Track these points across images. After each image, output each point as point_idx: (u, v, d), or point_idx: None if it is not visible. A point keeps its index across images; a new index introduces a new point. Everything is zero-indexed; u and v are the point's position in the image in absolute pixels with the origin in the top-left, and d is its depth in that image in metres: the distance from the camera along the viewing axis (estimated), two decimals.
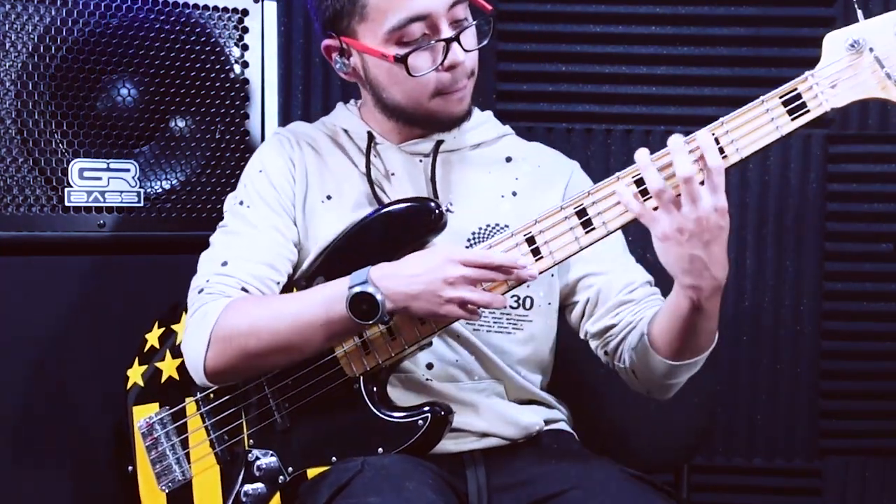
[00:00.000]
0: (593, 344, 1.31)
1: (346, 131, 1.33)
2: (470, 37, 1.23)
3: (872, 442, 1.97)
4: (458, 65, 1.21)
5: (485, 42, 1.25)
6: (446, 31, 1.19)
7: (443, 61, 1.19)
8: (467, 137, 1.32)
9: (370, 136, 1.30)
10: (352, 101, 1.38)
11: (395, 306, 1.12)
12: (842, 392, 1.97)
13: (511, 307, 1.28)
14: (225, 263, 1.23)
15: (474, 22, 1.23)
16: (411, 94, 1.23)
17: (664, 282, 1.17)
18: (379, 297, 1.10)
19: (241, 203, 1.29)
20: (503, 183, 1.31)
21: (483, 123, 1.35)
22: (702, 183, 1.04)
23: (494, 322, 1.27)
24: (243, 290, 1.22)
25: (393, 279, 1.12)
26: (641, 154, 1.06)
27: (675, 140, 1.05)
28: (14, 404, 1.42)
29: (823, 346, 1.96)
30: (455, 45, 1.19)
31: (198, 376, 1.22)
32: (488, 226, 1.26)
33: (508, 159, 1.33)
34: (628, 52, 1.94)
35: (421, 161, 1.30)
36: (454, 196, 1.28)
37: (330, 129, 1.35)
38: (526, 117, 1.42)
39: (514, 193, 1.30)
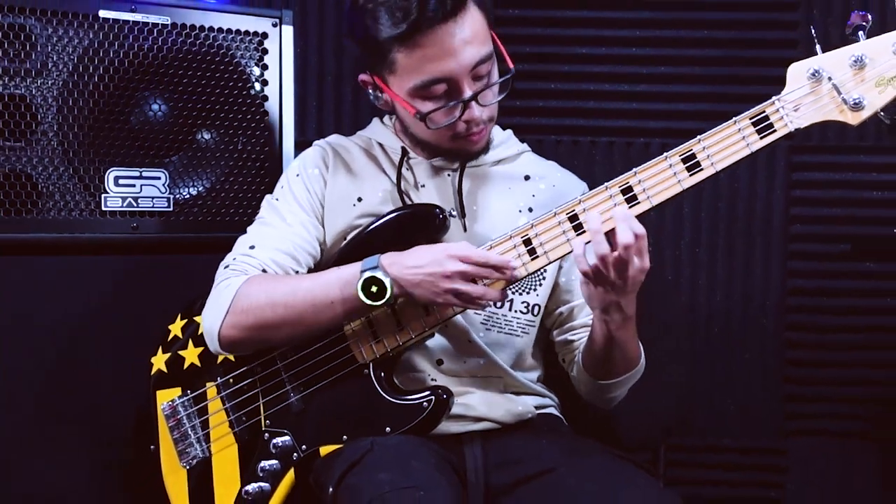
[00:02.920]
0: (556, 349, 1.40)
1: (381, 145, 1.38)
2: (490, 92, 1.25)
3: (833, 424, 2.02)
4: (475, 119, 1.25)
5: (503, 95, 1.26)
6: (467, 91, 1.21)
7: (460, 117, 1.24)
8: (490, 155, 1.37)
9: (404, 151, 1.35)
10: (387, 118, 1.42)
11: (399, 291, 1.19)
12: (804, 378, 2.02)
13: (521, 312, 1.33)
14: (253, 247, 1.30)
15: (497, 81, 1.25)
16: (432, 136, 1.29)
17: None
18: (388, 281, 1.17)
19: (278, 200, 1.36)
20: (521, 198, 1.36)
21: (504, 142, 1.40)
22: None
23: (506, 324, 1.33)
24: (263, 271, 1.27)
25: (399, 267, 1.18)
26: (592, 219, 1.11)
27: (621, 210, 1.11)
28: (52, 391, 1.48)
29: (787, 337, 2.01)
30: (473, 103, 1.22)
31: (212, 343, 1.26)
32: None
33: (527, 177, 1.38)
34: (612, 71, 1.98)
35: (449, 175, 1.35)
36: (478, 208, 1.33)
37: (365, 142, 1.40)
38: (520, 130, 1.45)
39: (531, 209, 1.35)
